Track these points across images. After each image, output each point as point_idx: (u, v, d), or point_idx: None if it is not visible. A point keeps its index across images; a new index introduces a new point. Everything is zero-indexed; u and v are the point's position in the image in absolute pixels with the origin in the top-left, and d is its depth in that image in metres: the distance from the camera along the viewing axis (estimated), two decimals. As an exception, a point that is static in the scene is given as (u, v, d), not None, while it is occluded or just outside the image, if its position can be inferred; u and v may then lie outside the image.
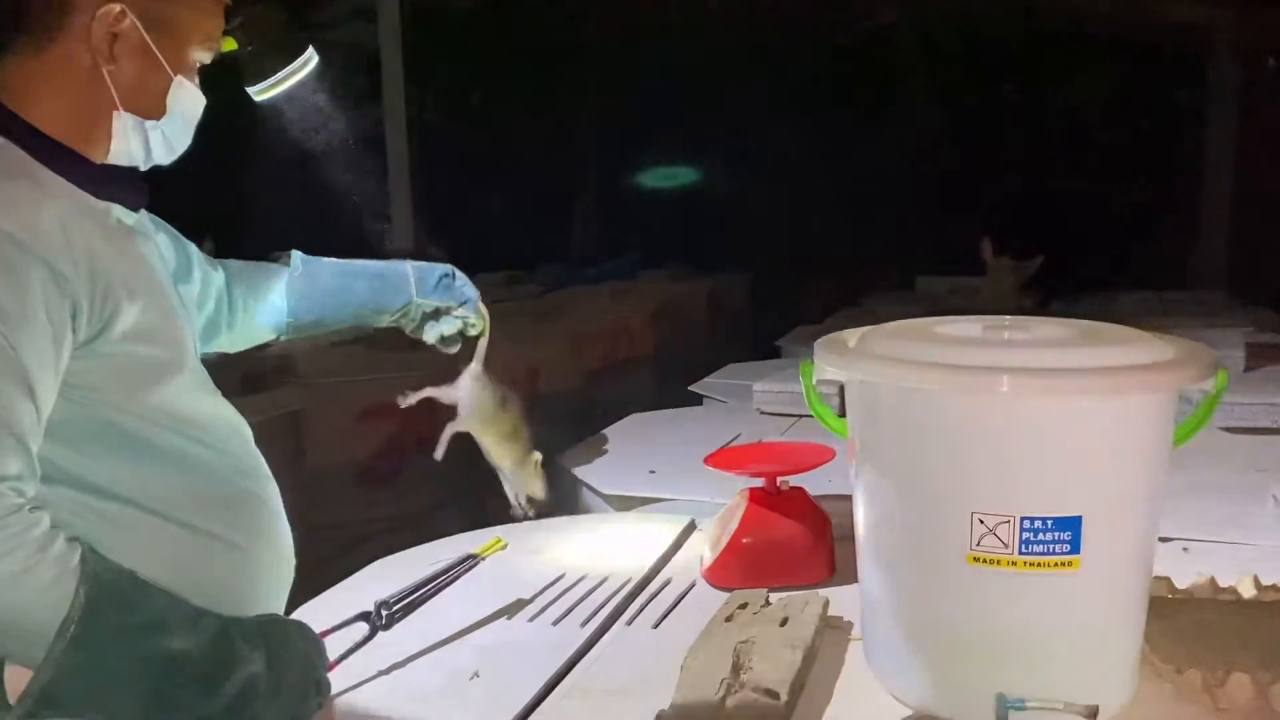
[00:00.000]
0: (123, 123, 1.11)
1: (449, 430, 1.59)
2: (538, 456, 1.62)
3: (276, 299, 1.43)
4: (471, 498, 1.59)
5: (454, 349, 1.56)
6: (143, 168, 1.17)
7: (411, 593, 1.29)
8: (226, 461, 1.15)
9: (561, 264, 7.47)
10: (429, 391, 1.60)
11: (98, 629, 0.92)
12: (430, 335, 1.55)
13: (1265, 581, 1.28)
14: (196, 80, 1.17)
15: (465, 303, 1.57)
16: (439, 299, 1.56)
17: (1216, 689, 1.04)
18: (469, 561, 1.38)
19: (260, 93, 1.41)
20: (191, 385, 1.14)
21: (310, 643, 1.06)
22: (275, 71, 1.40)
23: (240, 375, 2.97)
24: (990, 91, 7.80)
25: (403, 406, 1.62)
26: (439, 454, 1.57)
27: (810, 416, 1.19)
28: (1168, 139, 6.91)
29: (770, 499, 1.46)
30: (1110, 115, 7.37)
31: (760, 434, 2.17)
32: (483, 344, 1.60)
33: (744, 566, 1.42)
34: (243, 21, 1.23)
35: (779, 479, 1.48)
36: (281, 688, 0.99)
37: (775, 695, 1.04)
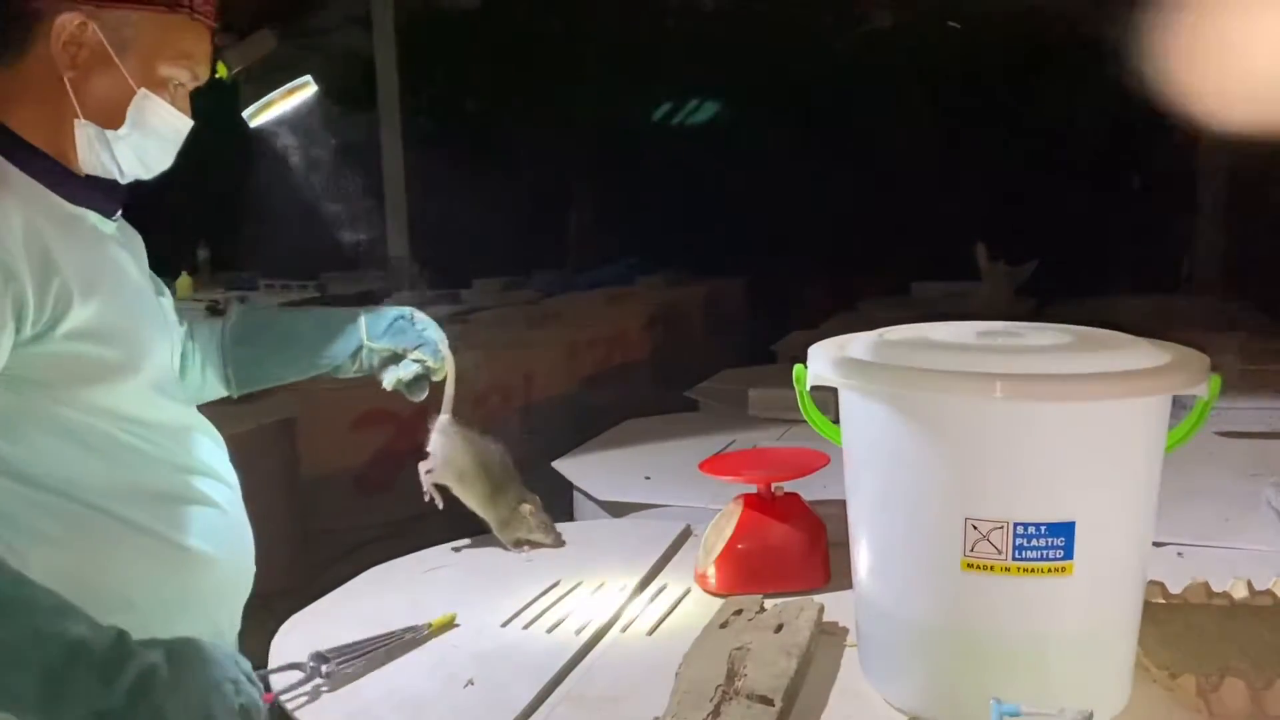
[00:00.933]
0: (84, 131, 1.14)
1: (426, 480, 1.54)
2: (528, 507, 1.57)
3: (216, 352, 1.44)
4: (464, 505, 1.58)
5: (419, 395, 1.49)
6: (121, 180, 1.20)
7: (352, 651, 1.23)
8: (167, 458, 1.17)
9: (557, 270, 7.48)
10: (423, 467, 1.55)
11: None
12: (388, 380, 1.47)
13: (1259, 586, 1.28)
14: (180, 99, 1.19)
15: (422, 345, 1.48)
16: (391, 343, 1.47)
17: (1211, 694, 1.04)
18: (413, 631, 1.30)
19: (251, 116, 1.43)
20: (145, 386, 1.16)
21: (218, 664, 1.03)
22: (265, 95, 1.41)
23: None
24: (985, 96, 7.82)
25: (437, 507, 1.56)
26: (427, 499, 1.54)
27: (805, 422, 1.19)
28: (1163, 143, 6.93)
29: (765, 505, 1.45)
30: (1105, 120, 7.39)
31: (755, 440, 2.17)
32: (449, 390, 1.52)
33: (739, 573, 1.41)
34: (232, 48, 1.25)
35: (773, 485, 1.47)
36: (182, 686, 0.98)
37: (770, 702, 1.04)
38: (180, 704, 0.97)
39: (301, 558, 2.58)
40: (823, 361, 1.08)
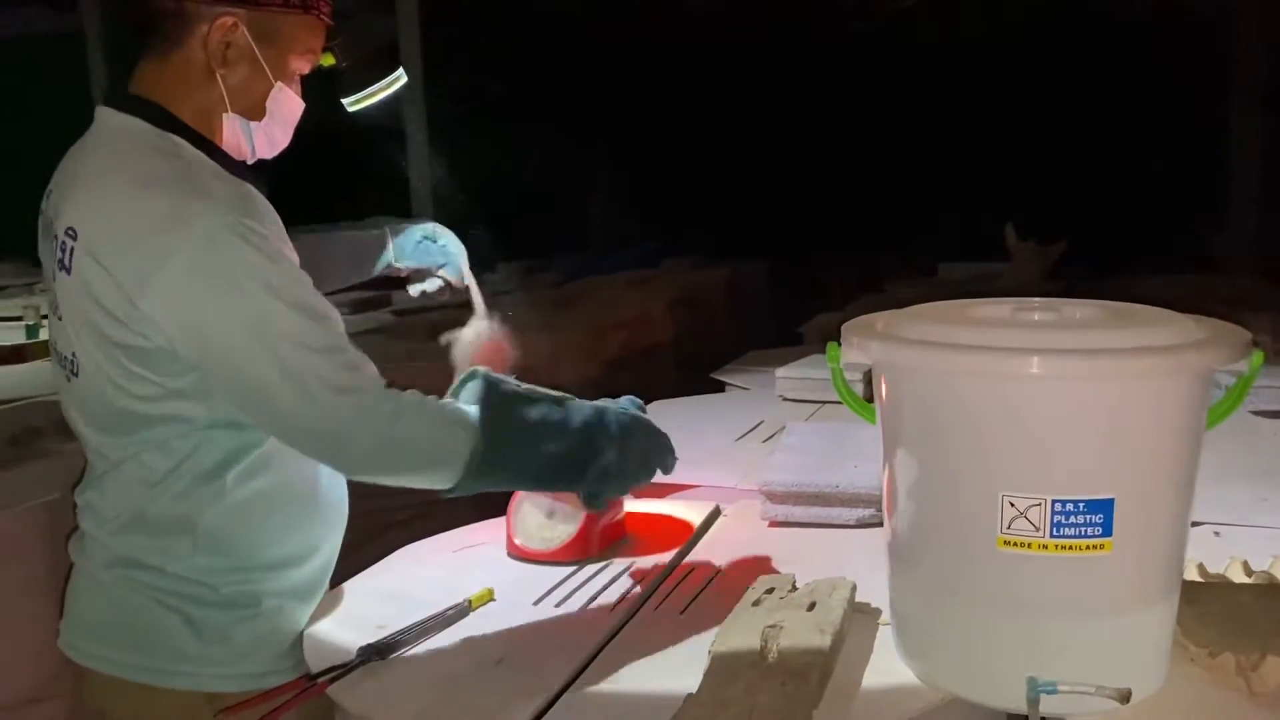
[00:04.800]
0: (231, 123, 1.28)
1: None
2: None
3: None
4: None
5: (441, 297, 1.65)
6: (249, 161, 1.33)
7: (404, 635, 1.24)
8: None
9: (580, 253, 7.47)
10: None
11: (498, 435, 1.25)
12: (414, 290, 1.63)
13: (1299, 565, 1.26)
14: (298, 87, 1.33)
15: (445, 264, 1.62)
16: (417, 261, 1.62)
17: (1251, 673, 1.03)
18: (455, 609, 1.31)
19: (353, 104, 1.61)
20: None
21: (651, 438, 1.40)
22: (367, 86, 1.60)
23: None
24: (1012, 74, 7.73)
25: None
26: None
27: (834, 403, 1.19)
28: (1194, 119, 6.82)
29: None
30: (1135, 95, 7.29)
31: (782, 420, 2.16)
32: (476, 297, 1.61)
33: (598, 537, 1.51)
34: (341, 40, 1.36)
35: None
36: (626, 471, 1.34)
37: (804, 679, 1.03)
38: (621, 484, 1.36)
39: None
40: (857, 339, 1.07)
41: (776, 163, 8.22)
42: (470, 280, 1.62)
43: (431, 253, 1.63)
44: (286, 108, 1.32)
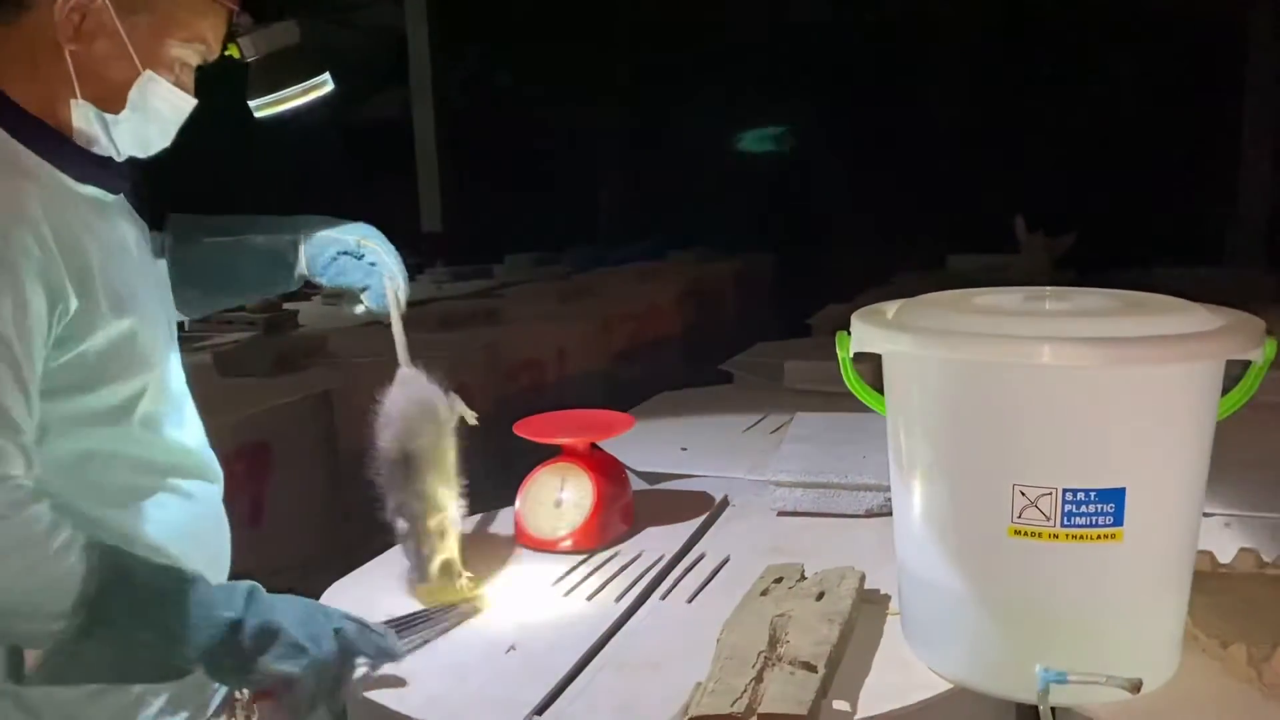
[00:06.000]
0: (83, 111, 1.05)
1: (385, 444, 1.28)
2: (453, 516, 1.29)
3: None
4: (495, 478, 1.58)
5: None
6: (117, 158, 1.12)
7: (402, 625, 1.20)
8: (141, 454, 1.12)
9: (589, 245, 7.47)
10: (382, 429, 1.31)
11: (107, 608, 0.94)
12: (345, 311, 1.38)
13: (1311, 556, 1.26)
14: (185, 77, 1.11)
15: (366, 288, 1.32)
16: (330, 281, 1.32)
17: (1262, 663, 1.03)
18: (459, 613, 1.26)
19: (260, 108, 1.32)
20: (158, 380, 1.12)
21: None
22: (279, 89, 1.31)
23: (272, 356, 3.00)
24: (1022, 66, 7.69)
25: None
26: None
27: (843, 394, 1.18)
28: (1204, 111, 6.78)
29: (593, 462, 1.54)
30: (1145, 87, 7.25)
31: (791, 411, 2.15)
32: (398, 336, 1.32)
33: (600, 530, 1.49)
34: (250, 31, 1.16)
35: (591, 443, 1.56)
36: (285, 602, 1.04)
37: (813, 668, 1.03)
38: (287, 612, 1.02)
39: (342, 527, 2.61)
40: (867, 327, 1.07)
41: (785, 156, 8.19)
42: (395, 316, 1.31)
43: (349, 272, 1.31)
44: (162, 100, 1.08)
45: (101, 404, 1.05)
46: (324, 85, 1.34)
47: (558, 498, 1.50)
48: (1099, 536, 0.97)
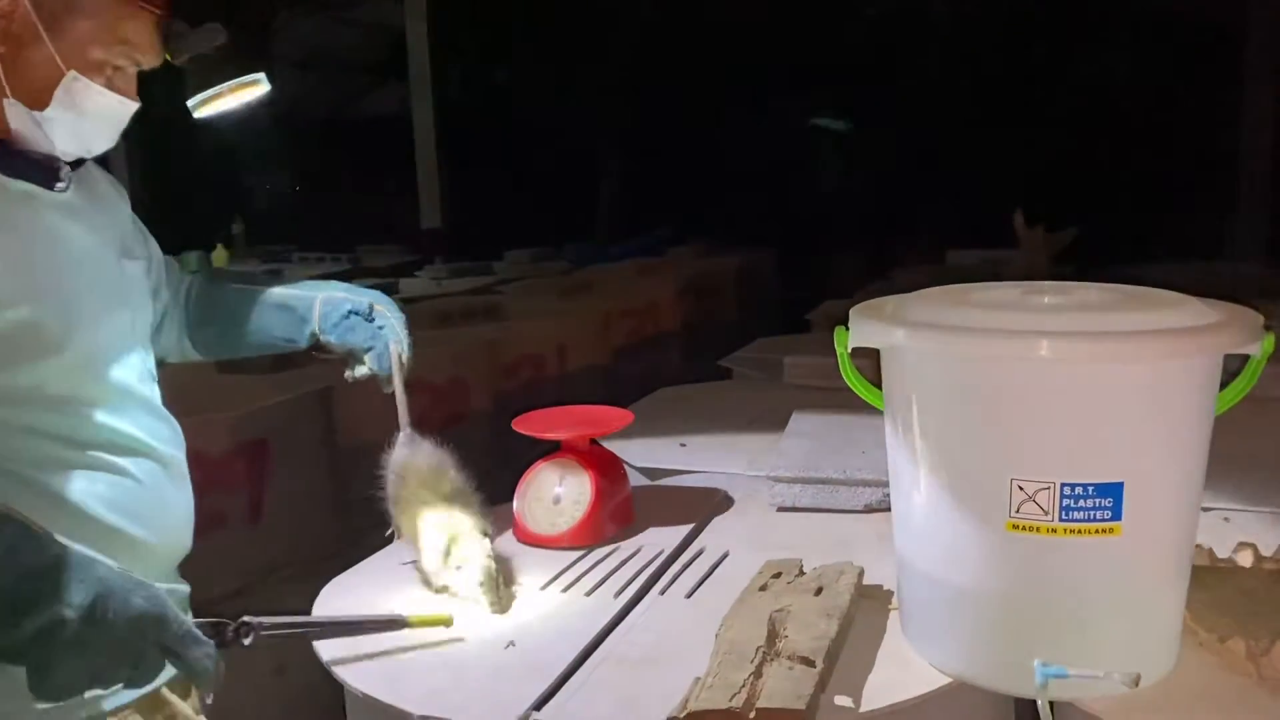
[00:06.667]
0: (14, 110, 1.10)
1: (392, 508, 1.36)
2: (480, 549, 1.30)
3: (185, 327, 1.42)
4: (496, 475, 1.58)
5: (387, 390, 1.39)
6: (65, 156, 1.15)
7: (290, 627, 1.14)
8: (66, 433, 1.12)
9: (589, 241, 7.47)
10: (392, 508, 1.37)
11: None
12: (347, 374, 1.41)
13: (1309, 551, 1.26)
14: (122, 81, 1.14)
15: (371, 349, 1.38)
16: (339, 339, 1.38)
17: (1261, 658, 1.03)
18: (396, 622, 1.20)
19: (196, 108, 1.35)
20: (73, 364, 1.12)
21: (148, 608, 0.94)
22: (210, 89, 1.32)
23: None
24: (1020, 59, 7.69)
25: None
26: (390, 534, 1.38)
27: (842, 389, 1.18)
28: (1204, 105, 6.78)
29: (590, 458, 1.53)
30: (1144, 81, 7.24)
31: (790, 407, 2.15)
32: (400, 398, 1.37)
33: (598, 525, 1.50)
34: (179, 35, 1.18)
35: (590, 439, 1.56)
36: (93, 645, 0.90)
37: (811, 663, 1.03)
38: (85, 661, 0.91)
39: (341, 524, 2.61)
40: (865, 323, 1.07)
41: (785, 151, 8.19)
42: (398, 379, 1.36)
43: (357, 331, 1.38)
44: (92, 102, 1.12)
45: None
46: (257, 84, 1.38)
47: (556, 493, 1.50)
48: (1097, 531, 0.97)
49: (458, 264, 6.12)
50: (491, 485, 1.58)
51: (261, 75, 1.31)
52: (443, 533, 1.31)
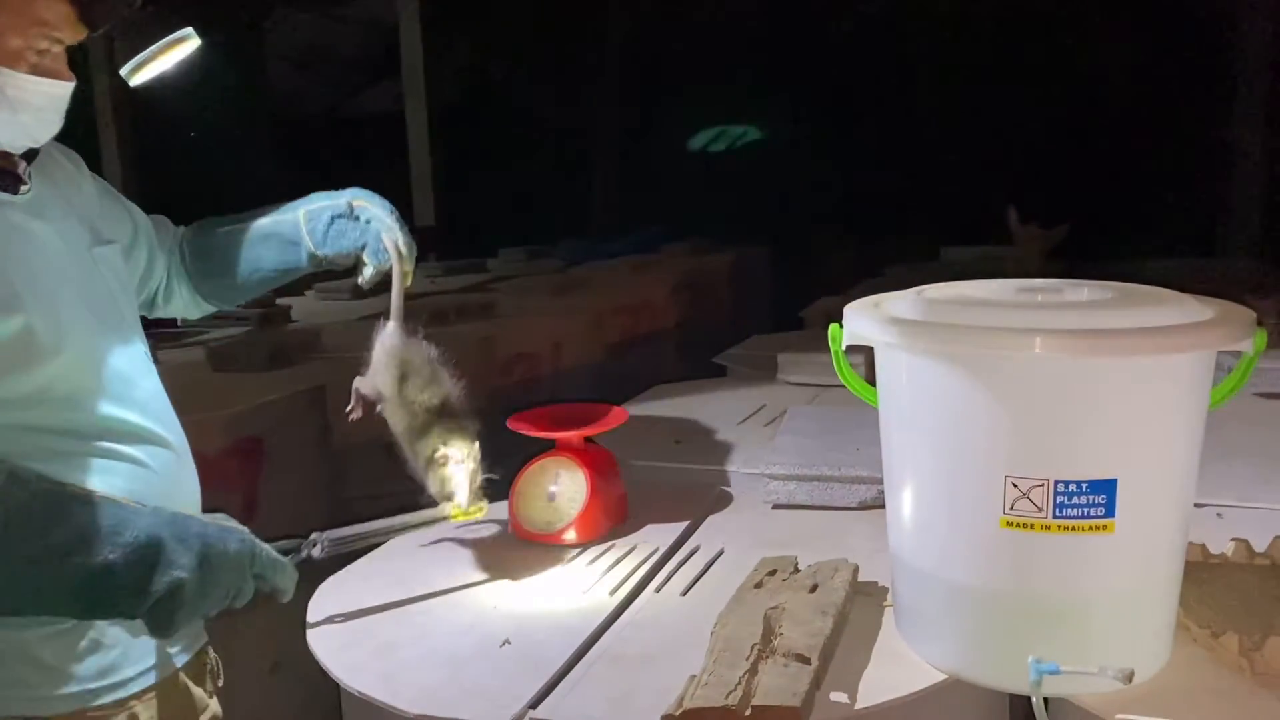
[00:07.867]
0: None
1: (355, 388, 1.35)
2: (458, 453, 1.31)
3: (188, 283, 1.41)
4: (489, 471, 1.57)
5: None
6: (15, 152, 1.12)
7: (350, 539, 1.24)
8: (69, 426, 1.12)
9: (582, 238, 7.46)
10: (356, 383, 1.37)
11: (8, 555, 0.94)
12: (360, 281, 1.37)
13: (1302, 546, 1.26)
14: (51, 61, 1.10)
15: (364, 246, 1.34)
16: (333, 249, 1.34)
17: (1253, 653, 1.03)
18: (437, 518, 1.28)
19: (129, 75, 1.33)
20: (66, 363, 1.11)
21: (243, 548, 1.05)
22: (139, 54, 1.32)
23: (266, 351, 2.99)
24: (1014, 57, 7.69)
25: (351, 420, 1.40)
26: (349, 413, 1.39)
27: (836, 386, 1.18)
28: (1196, 102, 6.79)
29: (587, 455, 1.54)
30: (1138, 79, 7.25)
31: (785, 404, 2.16)
32: (395, 293, 1.32)
33: (597, 522, 1.51)
34: (92, 8, 1.12)
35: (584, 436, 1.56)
36: (208, 591, 1.01)
37: (806, 660, 1.04)
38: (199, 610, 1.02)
39: (334, 522, 2.61)
40: (860, 320, 1.07)
41: (778, 148, 8.19)
42: (397, 267, 1.31)
43: (346, 235, 1.34)
44: (22, 92, 1.08)
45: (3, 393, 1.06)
46: (187, 40, 1.35)
47: (551, 491, 1.50)
48: (1091, 528, 0.97)
49: (451, 262, 6.11)
50: (486, 483, 1.58)
51: (190, 30, 1.26)
52: (435, 438, 1.30)
